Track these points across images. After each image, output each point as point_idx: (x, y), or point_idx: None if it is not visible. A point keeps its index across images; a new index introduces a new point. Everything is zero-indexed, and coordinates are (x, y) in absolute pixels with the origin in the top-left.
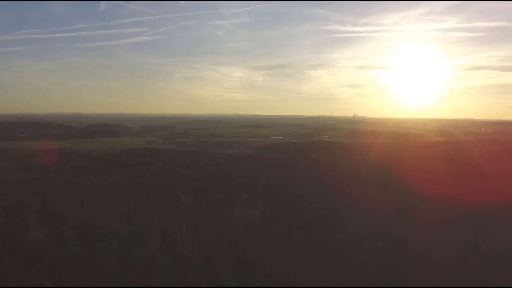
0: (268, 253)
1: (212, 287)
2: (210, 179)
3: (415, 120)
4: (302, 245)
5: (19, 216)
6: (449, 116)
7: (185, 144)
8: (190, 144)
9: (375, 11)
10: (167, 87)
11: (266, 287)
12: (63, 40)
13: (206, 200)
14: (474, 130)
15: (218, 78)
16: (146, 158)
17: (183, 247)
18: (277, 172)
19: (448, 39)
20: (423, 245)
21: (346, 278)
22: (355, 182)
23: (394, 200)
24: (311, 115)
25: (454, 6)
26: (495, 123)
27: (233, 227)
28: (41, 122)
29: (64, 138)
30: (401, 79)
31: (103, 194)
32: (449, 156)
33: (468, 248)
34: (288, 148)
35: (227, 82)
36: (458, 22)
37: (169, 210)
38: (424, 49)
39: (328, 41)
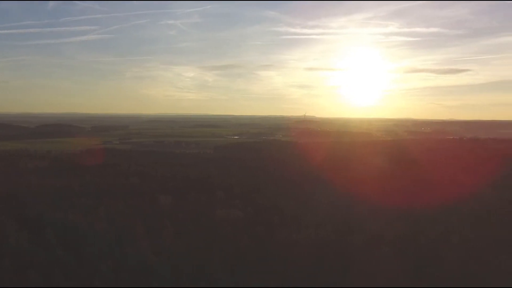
0: (258, 251)
1: (210, 287)
2: (182, 180)
3: (362, 120)
4: (288, 243)
5: None
6: (392, 116)
7: (142, 144)
8: (147, 144)
9: (323, 14)
10: (118, 87)
11: (264, 287)
12: (10, 37)
13: (184, 201)
14: (414, 129)
15: (170, 77)
16: (109, 158)
17: (173, 247)
18: (245, 172)
19: (390, 42)
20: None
21: (342, 274)
22: (323, 181)
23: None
24: (262, 115)
25: (395, 11)
26: (432, 122)
27: (218, 226)
28: None
29: (16, 139)
30: (348, 80)
31: (77, 196)
32: (397, 154)
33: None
34: (247, 148)
35: (179, 82)
36: (399, 27)
37: (150, 211)
38: (369, 51)
39: (278, 43)
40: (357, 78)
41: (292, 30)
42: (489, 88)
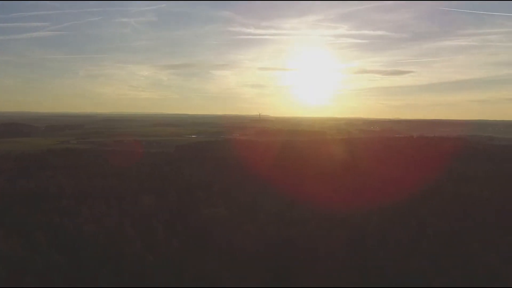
0: (257, 249)
1: (210, 287)
2: (158, 180)
3: (315, 119)
4: (283, 240)
5: None
6: (342, 115)
7: (103, 144)
8: (108, 144)
9: (275, 15)
10: (71, 85)
11: (264, 287)
12: None
13: (167, 201)
14: (365, 128)
15: (124, 76)
16: (75, 158)
17: (169, 248)
18: (219, 170)
19: (340, 44)
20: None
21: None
22: (304, 178)
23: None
24: (217, 114)
25: (344, 14)
26: (380, 121)
27: (208, 225)
28: None
29: None
30: (300, 80)
31: (56, 198)
32: (358, 152)
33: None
34: (211, 147)
35: (134, 81)
36: (348, 29)
37: (136, 212)
38: (320, 52)
39: (232, 42)
40: (309, 78)
41: (246, 30)
42: (430, 89)
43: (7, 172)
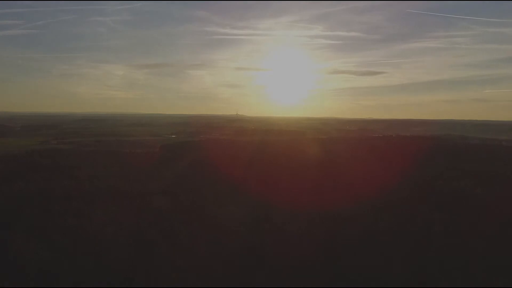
0: (283, 249)
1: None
2: (164, 180)
3: (290, 118)
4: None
5: None
6: (317, 114)
7: (84, 144)
8: (89, 144)
9: (251, 15)
10: (45, 84)
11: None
12: None
13: (179, 202)
14: (340, 127)
15: (99, 75)
16: (65, 159)
17: (193, 249)
18: (220, 170)
19: (315, 45)
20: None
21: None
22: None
23: None
24: (193, 114)
25: (319, 15)
26: (354, 121)
27: (231, 226)
28: None
29: None
30: (276, 80)
31: (64, 200)
32: (343, 151)
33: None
34: (199, 147)
35: (109, 80)
36: (322, 30)
37: (151, 214)
38: (295, 53)
39: (208, 42)
40: (284, 78)
41: (222, 30)
42: (401, 90)
43: None
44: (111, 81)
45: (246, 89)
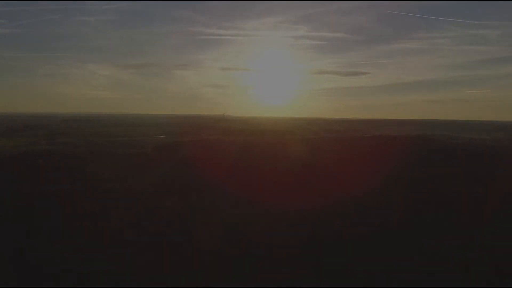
0: (297, 250)
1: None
2: (172, 181)
3: (276, 118)
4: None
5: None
6: (303, 114)
7: (74, 145)
8: (79, 145)
9: (237, 16)
10: (29, 84)
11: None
12: None
13: (190, 201)
14: (327, 127)
15: (84, 75)
16: (62, 160)
17: (214, 248)
18: (220, 169)
19: (300, 45)
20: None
21: None
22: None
23: None
24: (179, 114)
25: (304, 16)
26: (339, 121)
27: (248, 225)
28: None
29: None
30: (261, 80)
31: (75, 202)
32: (342, 151)
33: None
34: (193, 147)
35: (94, 80)
36: (307, 31)
37: (165, 213)
38: (281, 53)
39: (194, 42)
40: (270, 78)
41: (208, 30)
42: (384, 90)
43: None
44: (97, 81)
45: (231, 89)
